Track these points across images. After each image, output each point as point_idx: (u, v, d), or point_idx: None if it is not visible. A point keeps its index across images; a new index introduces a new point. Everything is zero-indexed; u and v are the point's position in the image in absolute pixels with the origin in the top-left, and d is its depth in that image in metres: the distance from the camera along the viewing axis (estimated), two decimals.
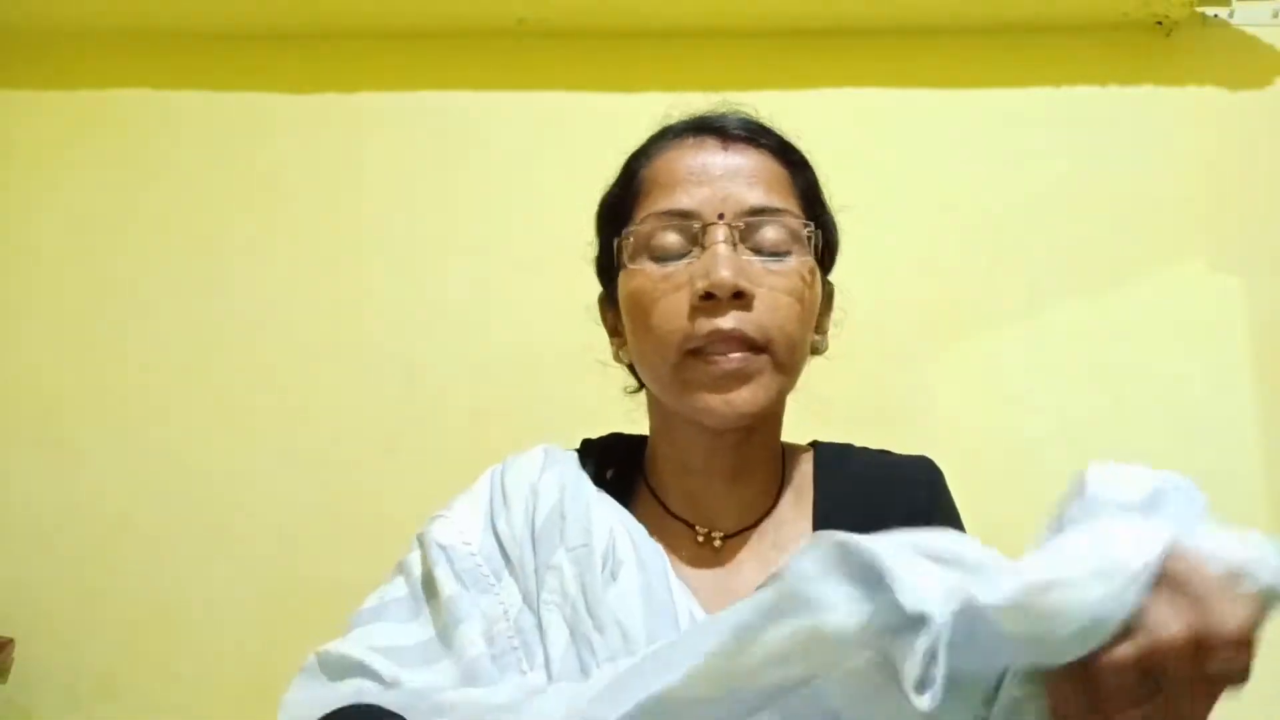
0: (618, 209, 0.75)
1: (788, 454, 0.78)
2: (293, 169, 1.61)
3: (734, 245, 0.68)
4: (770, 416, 0.73)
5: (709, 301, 0.66)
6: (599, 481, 0.73)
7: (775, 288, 0.68)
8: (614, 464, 0.76)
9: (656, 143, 0.76)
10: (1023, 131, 1.55)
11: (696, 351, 0.67)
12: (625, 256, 0.72)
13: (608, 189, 0.78)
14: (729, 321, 0.66)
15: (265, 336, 1.56)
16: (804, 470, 0.76)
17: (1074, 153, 1.54)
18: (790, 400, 0.76)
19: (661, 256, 0.70)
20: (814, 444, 0.79)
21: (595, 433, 0.82)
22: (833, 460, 0.77)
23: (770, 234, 0.69)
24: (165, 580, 1.48)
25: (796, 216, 0.71)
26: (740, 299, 0.67)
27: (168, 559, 1.49)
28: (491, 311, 1.54)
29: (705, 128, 0.74)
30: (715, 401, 0.67)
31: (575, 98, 1.59)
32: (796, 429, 0.78)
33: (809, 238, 0.71)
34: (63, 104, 1.65)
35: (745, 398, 0.67)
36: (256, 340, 1.56)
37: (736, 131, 0.73)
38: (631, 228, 0.72)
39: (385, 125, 1.62)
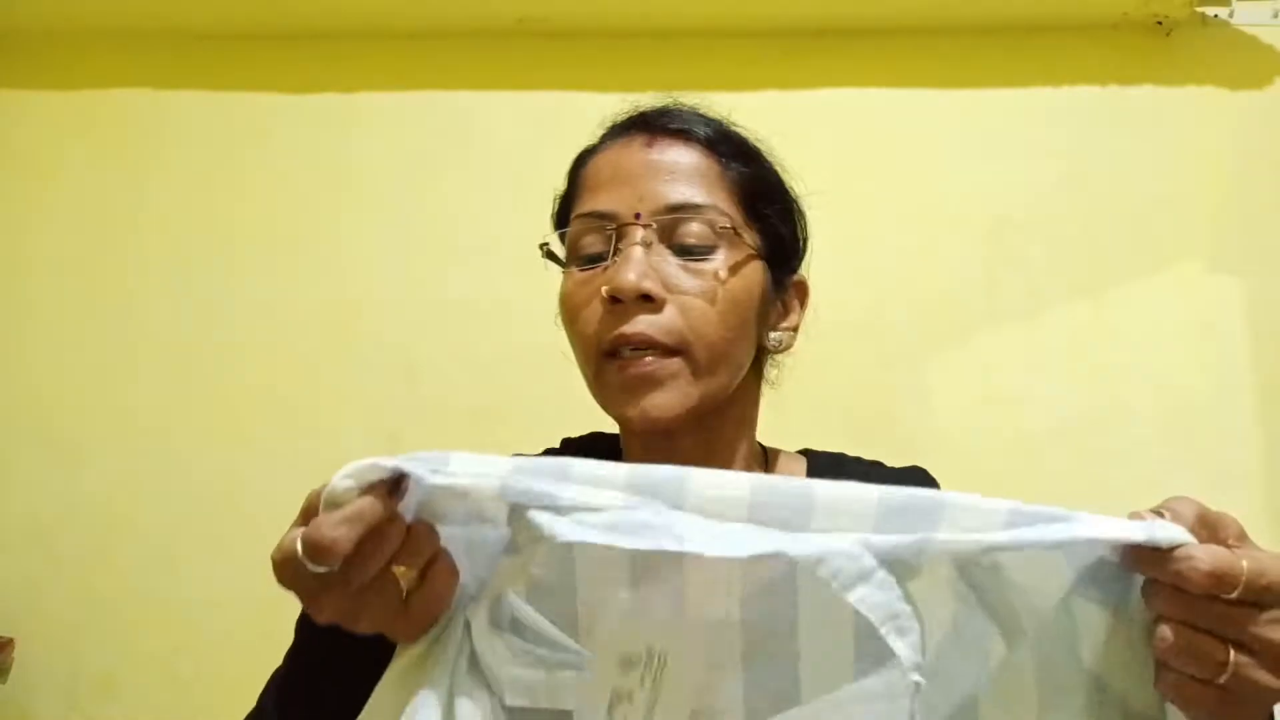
0: (561, 211, 0.76)
1: (776, 459, 0.77)
2: (293, 169, 1.61)
3: (649, 246, 0.66)
4: (719, 416, 0.70)
5: (617, 305, 0.65)
6: None
7: (689, 290, 0.66)
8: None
9: (597, 143, 0.76)
10: (1023, 132, 1.55)
11: (610, 355, 0.66)
12: (564, 260, 0.72)
13: (558, 192, 0.78)
14: (634, 326, 0.64)
15: (265, 336, 1.56)
16: (796, 475, 0.75)
17: (1074, 153, 1.54)
18: (789, 401, 0.76)
19: (584, 260, 0.69)
20: (805, 452, 0.78)
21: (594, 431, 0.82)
22: (825, 468, 0.75)
23: (693, 230, 0.67)
24: (165, 580, 1.48)
25: (722, 213, 0.68)
26: (649, 302, 0.65)
27: (168, 559, 1.49)
28: (491, 311, 1.54)
29: (634, 125, 0.73)
30: (630, 408, 0.65)
31: (575, 98, 1.59)
32: (796, 430, 0.78)
33: (738, 233, 0.68)
34: (63, 104, 1.65)
35: (658, 403, 0.65)
36: (256, 339, 1.56)
37: (664, 127, 0.71)
38: (564, 229, 0.72)
39: (385, 125, 1.62)
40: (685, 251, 0.67)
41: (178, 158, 1.63)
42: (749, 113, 0.77)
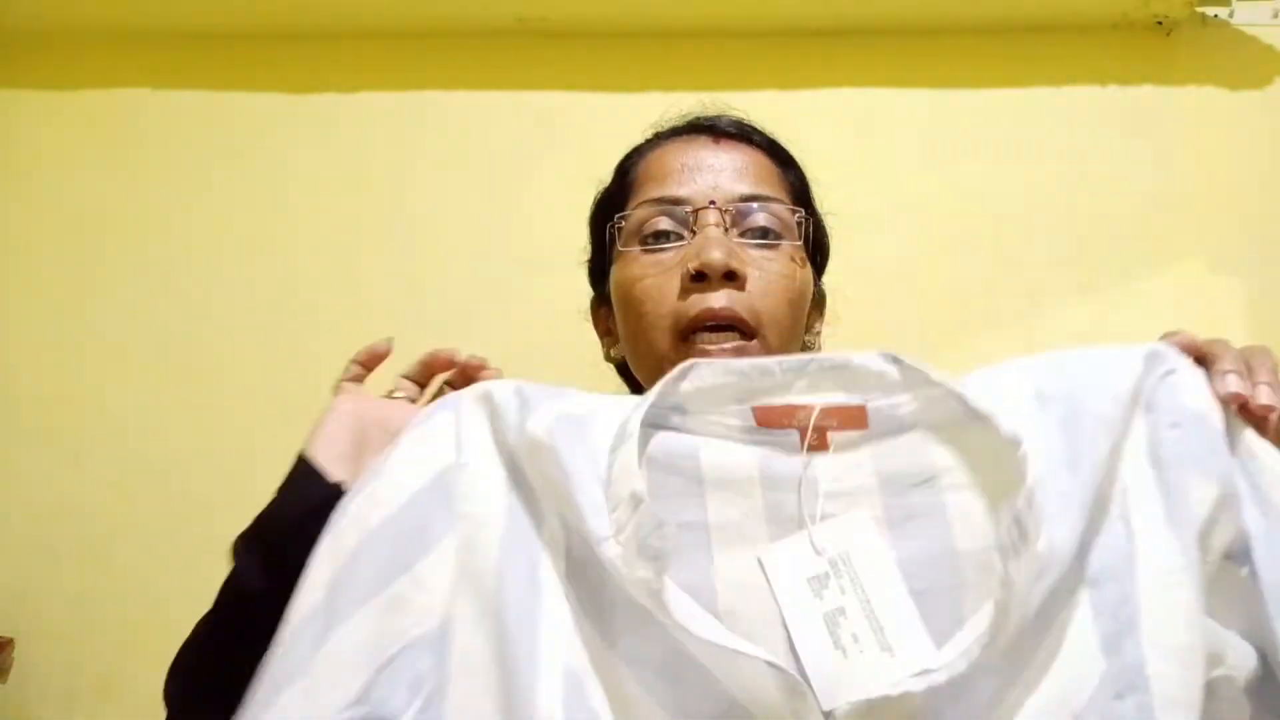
0: (611, 202, 0.77)
1: None
2: (293, 169, 1.61)
3: (725, 229, 0.68)
4: None
5: (700, 282, 0.67)
6: None
7: (767, 270, 0.68)
8: None
9: (650, 142, 0.78)
10: (1023, 131, 1.55)
11: (688, 338, 0.67)
12: (618, 243, 0.73)
13: (602, 188, 0.79)
14: (721, 299, 0.66)
15: (265, 336, 1.56)
16: None
17: (1074, 153, 1.54)
18: None
19: (653, 241, 0.71)
20: None
21: None
22: None
23: (761, 220, 0.70)
24: (165, 580, 1.48)
25: (786, 204, 0.72)
26: (733, 279, 0.67)
27: (167, 559, 1.49)
28: (491, 311, 1.54)
29: (697, 126, 0.76)
30: None
31: (575, 98, 1.59)
32: None
33: (799, 225, 0.72)
34: (63, 104, 1.65)
35: None
36: (256, 340, 1.56)
37: (727, 129, 0.75)
38: (624, 213, 0.73)
39: (385, 125, 1.62)
40: (757, 236, 0.69)
41: (178, 158, 1.63)
42: (749, 113, 0.78)
